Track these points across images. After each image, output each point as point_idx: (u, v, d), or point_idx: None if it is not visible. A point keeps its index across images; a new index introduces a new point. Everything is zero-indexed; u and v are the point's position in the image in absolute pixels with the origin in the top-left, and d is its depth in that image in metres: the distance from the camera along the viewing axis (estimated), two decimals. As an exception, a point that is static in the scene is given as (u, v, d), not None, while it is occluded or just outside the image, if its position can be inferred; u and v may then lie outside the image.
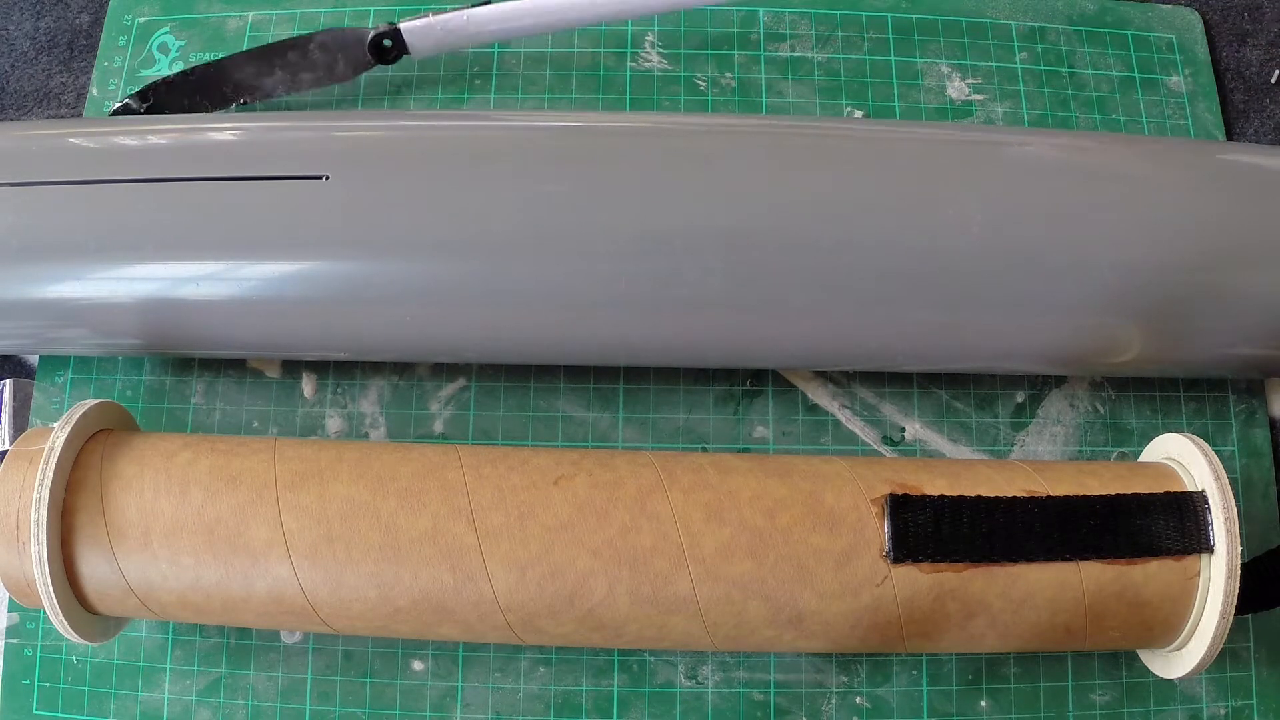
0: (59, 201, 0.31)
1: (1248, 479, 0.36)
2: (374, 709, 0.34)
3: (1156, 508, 0.28)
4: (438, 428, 0.36)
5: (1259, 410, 0.37)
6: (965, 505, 0.28)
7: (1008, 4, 0.42)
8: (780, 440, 0.36)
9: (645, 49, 0.41)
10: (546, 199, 0.31)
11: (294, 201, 0.31)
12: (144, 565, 0.28)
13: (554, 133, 0.32)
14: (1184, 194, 0.31)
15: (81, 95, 0.41)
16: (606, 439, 0.36)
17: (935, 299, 0.31)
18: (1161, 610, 0.28)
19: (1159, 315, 0.31)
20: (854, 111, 0.40)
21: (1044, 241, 0.30)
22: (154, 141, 0.32)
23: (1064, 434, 0.36)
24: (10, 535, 0.28)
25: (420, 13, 0.38)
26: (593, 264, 0.31)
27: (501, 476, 0.29)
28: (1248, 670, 0.34)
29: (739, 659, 0.34)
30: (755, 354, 0.33)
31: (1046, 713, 0.34)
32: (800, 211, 0.31)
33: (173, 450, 0.29)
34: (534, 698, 0.34)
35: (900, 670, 0.34)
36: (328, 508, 0.28)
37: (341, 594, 0.28)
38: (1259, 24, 0.42)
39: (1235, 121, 0.41)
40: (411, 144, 0.32)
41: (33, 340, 0.34)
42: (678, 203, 0.31)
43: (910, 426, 0.36)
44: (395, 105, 0.40)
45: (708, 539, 0.28)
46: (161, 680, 0.34)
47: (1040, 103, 0.40)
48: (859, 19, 0.41)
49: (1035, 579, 0.28)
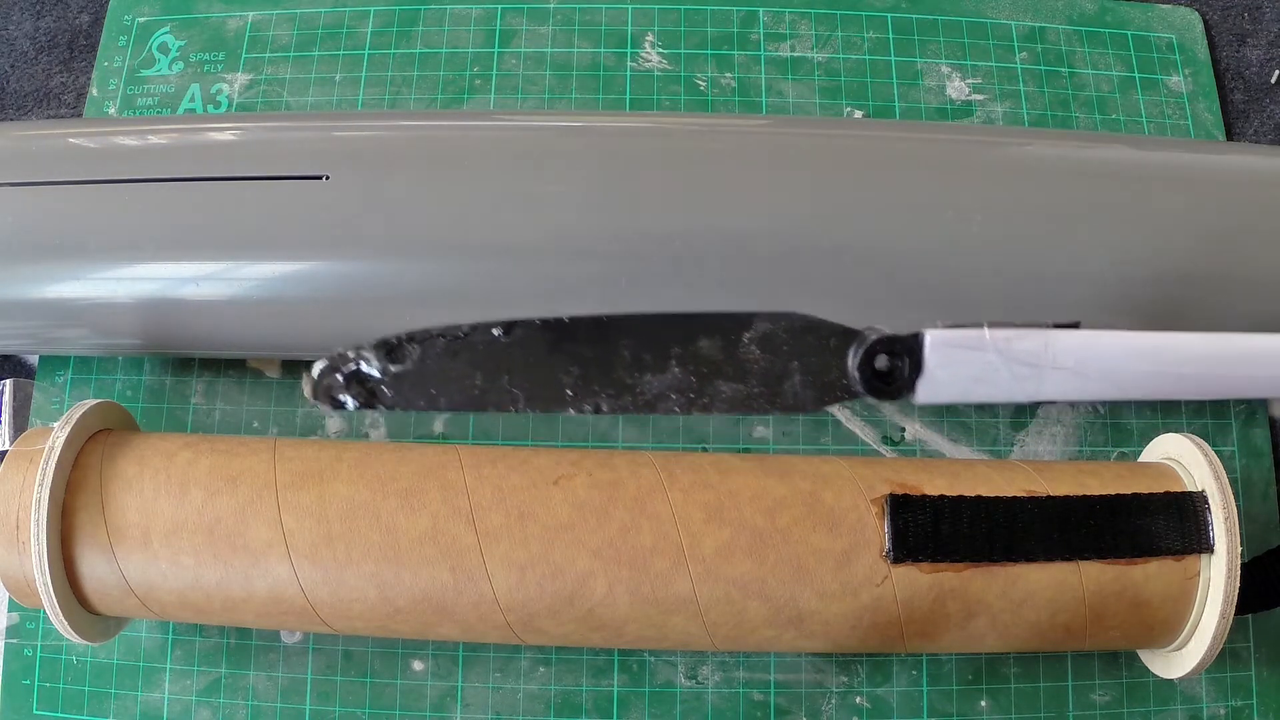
0: (59, 201, 0.31)
1: (1248, 479, 0.36)
2: (374, 709, 0.34)
3: (1156, 508, 0.28)
4: (438, 428, 0.36)
5: (1259, 410, 0.37)
6: (965, 505, 0.28)
7: (1008, 4, 0.42)
8: (780, 440, 0.36)
9: (645, 49, 0.41)
10: (546, 199, 0.31)
11: (294, 201, 0.31)
12: (144, 565, 0.28)
13: (554, 133, 0.32)
14: (1184, 194, 0.31)
15: (81, 95, 0.41)
16: (606, 439, 0.36)
17: (935, 299, 0.31)
18: (1161, 610, 0.28)
19: (1159, 315, 0.31)
20: (854, 111, 0.40)
21: (1044, 241, 0.30)
22: (154, 141, 0.32)
23: (1064, 434, 0.36)
24: (10, 535, 0.28)
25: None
26: (593, 263, 0.31)
27: (501, 476, 0.29)
28: (1248, 670, 0.34)
29: (739, 659, 0.34)
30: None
31: (1046, 713, 0.34)
32: (800, 211, 0.31)
33: (173, 450, 0.29)
34: (534, 698, 0.34)
35: (900, 670, 0.34)
36: (328, 508, 0.28)
37: (341, 594, 0.28)
38: (1259, 24, 0.42)
39: (1235, 121, 0.41)
40: (411, 144, 0.32)
41: (33, 340, 0.34)
42: (678, 203, 0.31)
43: (910, 426, 0.36)
44: (395, 105, 0.40)
45: (708, 539, 0.28)
46: (161, 680, 0.34)
47: (1040, 103, 0.40)
48: (859, 19, 0.41)
49: (1035, 579, 0.28)
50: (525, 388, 0.25)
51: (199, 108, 0.40)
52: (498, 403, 0.26)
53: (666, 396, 0.26)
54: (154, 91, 0.40)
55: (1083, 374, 0.26)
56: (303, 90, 0.40)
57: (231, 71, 0.40)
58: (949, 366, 0.26)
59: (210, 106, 0.40)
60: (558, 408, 0.26)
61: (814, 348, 0.26)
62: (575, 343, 0.25)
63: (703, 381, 0.26)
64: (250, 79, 0.40)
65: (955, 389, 0.26)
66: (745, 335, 0.26)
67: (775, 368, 0.26)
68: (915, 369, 0.26)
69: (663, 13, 0.41)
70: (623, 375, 0.26)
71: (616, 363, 0.25)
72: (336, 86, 0.40)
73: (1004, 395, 0.26)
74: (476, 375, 0.25)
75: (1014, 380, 0.26)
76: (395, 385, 0.25)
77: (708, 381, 0.26)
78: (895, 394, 0.26)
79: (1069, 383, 0.26)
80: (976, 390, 0.26)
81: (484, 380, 0.25)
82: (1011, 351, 0.25)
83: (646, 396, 0.26)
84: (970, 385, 0.26)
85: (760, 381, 0.26)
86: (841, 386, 0.26)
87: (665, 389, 0.26)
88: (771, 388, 0.26)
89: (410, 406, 0.25)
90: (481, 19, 0.41)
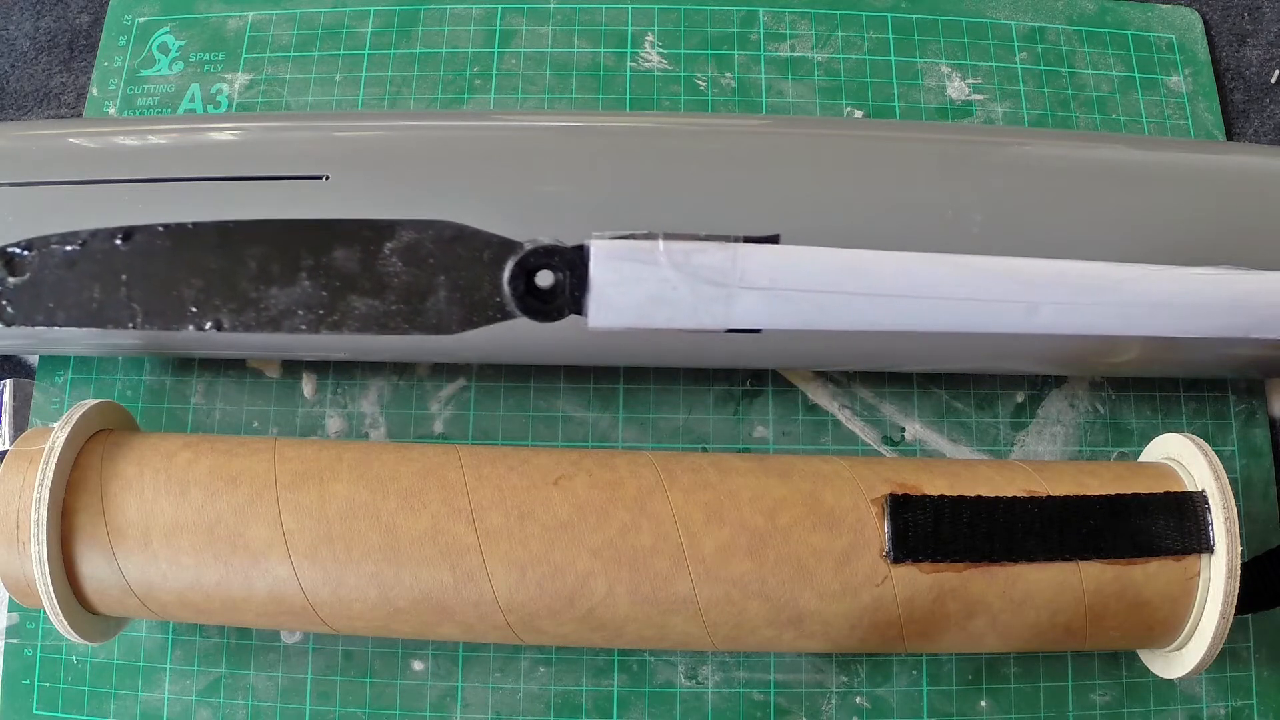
0: (59, 201, 0.31)
1: (1248, 479, 0.36)
2: (374, 709, 0.34)
3: (1156, 508, 0.28)
4: (438, 428, 0.36)
5: (1259, 410, 0.37)
6: (965, 505, 0.28)
7: (1008, 4, 0.42)
8: (780, 440, 0.36)
9: (645, 49, 0.41)
10: (546, 199, 0.31)
11: (294, 201, 0.31)
12: (144, 565, 0.28)
13: (554, 133, 0.32)
14: (1184, 194, 0.31)
15: (81, 95, 0.41)
16: (606, 439, 0.36)
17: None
18: (1161, 610, 0.28)
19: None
20: (854, 111, 0.40)
21: (1044, 241, 0.30)
22: (154, 141, 0.32)
23: (1064, 434, 0.36)
24: (10, 535, 0.28)
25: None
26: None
27: (501, 476, 0.29)
28: (1248, 670, 0.34)
29: (739, 659, 0.34)
30: (755, 354, 0.33)
31: (1046, 713, 0.34)
32: (800, 211, 0.31)
33: (173, 450, 0.29)
34: (534, 698, 0.34)
35: (900, 670, 0.34)
36: (328, 508, 0.28)
37: (341, 594, 0.28)
38: (1259, 24, 0.42)
39: (1235, 121, 0.41)
40: (411, 144, 0.32)
41: (33, 340, 0.34)
42: (678, 202, 0.31)
43: (910, 426, 0.36)
44: (395, 105, 0.40)
45: (708, 539, 0.28)
46: (161, 680, 0.34)
47: (1040, 103, 0.40)
48: (859, 19, 0.41)
49: (1035, 579, 0.28)
50: (143, 301, 0.22)
51: (199, 108, 0.40)
52: (115, 318, 0.23)
53: (294, 313, 0.23)
54: (154, 91, 0.40)
55: (783, 297, 0.22)
56: (303, 90, 0.40)
57: (231, 71, 0.40)
58: (620, 284, 0.22)
59: (210, 106, 0.40)
60: (177, 323, 0.23)
61: (464, 261, 0.23)
62: (198, 251, 0.22)
63: (335, 297, 0.23)
64: (250, 79, 0.40)
65: (631, 311, 0.22)
66: (387, 245, 0.23)
67: (419, 283, 0.23)
68: (581, 286, 0.22)
69: (663, 13, 0.41)
70: (247, 288, 0.23)
71: (241, 274, 0.23)
72: (336, 86, 0.40)
73: (689, 319, 0.22)
74: (95, 288, 0.22)
75: (698, 301, 0.21)
76: (14, 299, 0.22)
77: (340, 296, 0.23)
78: (557, 314, 0.22)
79: (766, 307, 0.22)
80: (656, 313, 0.22)
81: (101, 293, 0.22)
82: (691, 266, 0.22)
83: (272, 313, 0.23)
84: (648, 306, 0.22)
85: (400, 298, 0.23)
86: (494, 305, 0.23)
87: (293, 304, 0.23)
88: (412, 305, 0.23)
89: (29, 322, 0.22)
90: (481, 19, 0.41)
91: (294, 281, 0.23)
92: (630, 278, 0.22)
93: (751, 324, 0.22)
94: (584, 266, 0.21)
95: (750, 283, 0.22)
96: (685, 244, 0.21)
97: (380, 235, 0.22)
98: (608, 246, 0.21)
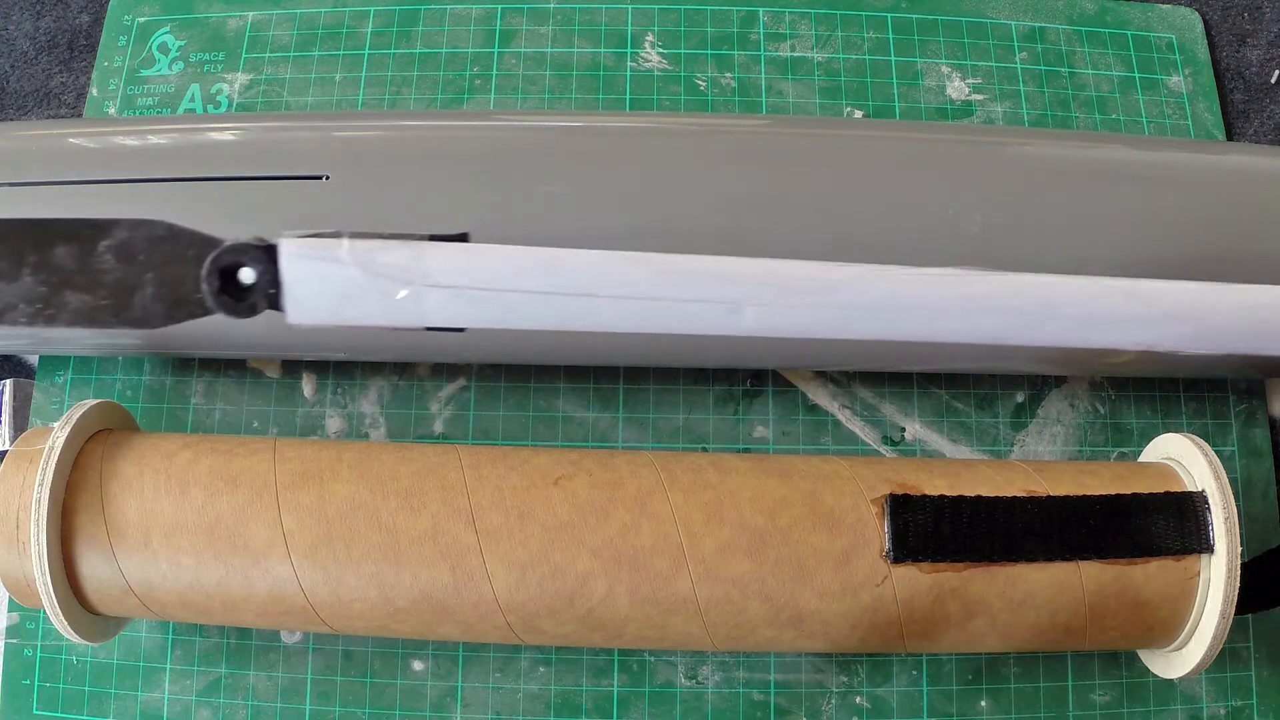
0: (59, 201, 0.31)
1: (1248, 479, 0.36)
2: (374, 709, 0.34)
3: (1156, 508, 0.28)
4: (438, 428, 0.36)
5: (1259, 410, 0.37)
6: (965, 505, 0.28)
7: (1008, 4, 0.42)
8: (780, 440, 0.36)
9: (645, 49, 0.41)
10: (546, 199, 0.31)
11: (294, 201, 0.31)
12: (144, 565, 0.28)
13: (554, 133, 0.32)
14: (1184, 194, 0.31)
15: (81, 95, 0.41)
16: (606, 439, 0.36)
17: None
18: (1161, 610, 0.28)
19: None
20: (854, 111, 0.40)
21: (1043, 242, 0.30)
22: (154, 141, 0.32)
23: (1064, 434, 0.36)
24: (10, 535, 0.28)
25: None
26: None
27: (501, 476, 0.29)
28: (1248, 670, 0.34)
29: (739, 659, 0.34)
30: (755, 354, 0.33)
31: (1046, 713, 0.34)
32: (800, 211, 0.31)
33: (173, 450, 0.29)
34: (534, 698, 0.34)
35: (900, 670, 0.34)
36: (328, 508, 0.28)
37: (341, 594, 0.28)
38: (1259, 24, 0.42)
39: (1235, 121, 0.41)
40: (411, 144, 0.32)
41: (33, 340, 0.34)
42: (677, 203, 0.31)
43: (910, 426, 0.36)
44: (395, 105, 0.40)
45: (708, 539, 0.28)
46: (161, 680, 0.34)
47: (1040, 103, 0.40)
48: (859, 19, 0.41)
49: (1035, 579, 0.28)
50: None
51: (199, 108, 0.40)
52: None
53: (15, 306, 0.24)
54: (154, 91, 0.40)
55: (471, 295, 0.22)
56: (303, 90, 0.40)
57: (231, 71, 0.40)
58: (310, 281, 0.23)
59: (210, 106, 0.40)
60: None
61: (171, 258, 0.23)
62: None
63: (52, 291, 0.24)
64: (250, 79, 0.40)
65: (324, 309, 0.23)
66: (102, 243, 0.24)
67: (129, 279, 0.24)
68: (275, 283, 0.23)
69: (663, 13, 0.41)
70: None
71: None
72: (336, 86, 0.40)
73: (381, 317, 0.23)
74: None
75: (386, 300, 0.22)
76: None
77: (56, 291, 0.24)
78: (252, 309, 0.23)
79: (457, 305, 0.22)
80: (347, 310, 0.23)
81: None
82: (375, 265, 0.22)
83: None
84: (338, 304, 0.23)
85: (110, 293, 0.24)
86: (195, 301, 0.24)
87: (15, 299, 0.24)
88: (121, 300, 0.24)
89: None
90: (481, 19, 0.41)
91: (17, 277, 0.24)
92: (318, 275, 0.22)
93: (447, 322, 0.23)
94: (274, 265, 0.23)
95: (436, 281, 0.22)
96: (369, 242, 0.22)
97: (99, 233, 0.22)
98: (296, 245, 0.22)
